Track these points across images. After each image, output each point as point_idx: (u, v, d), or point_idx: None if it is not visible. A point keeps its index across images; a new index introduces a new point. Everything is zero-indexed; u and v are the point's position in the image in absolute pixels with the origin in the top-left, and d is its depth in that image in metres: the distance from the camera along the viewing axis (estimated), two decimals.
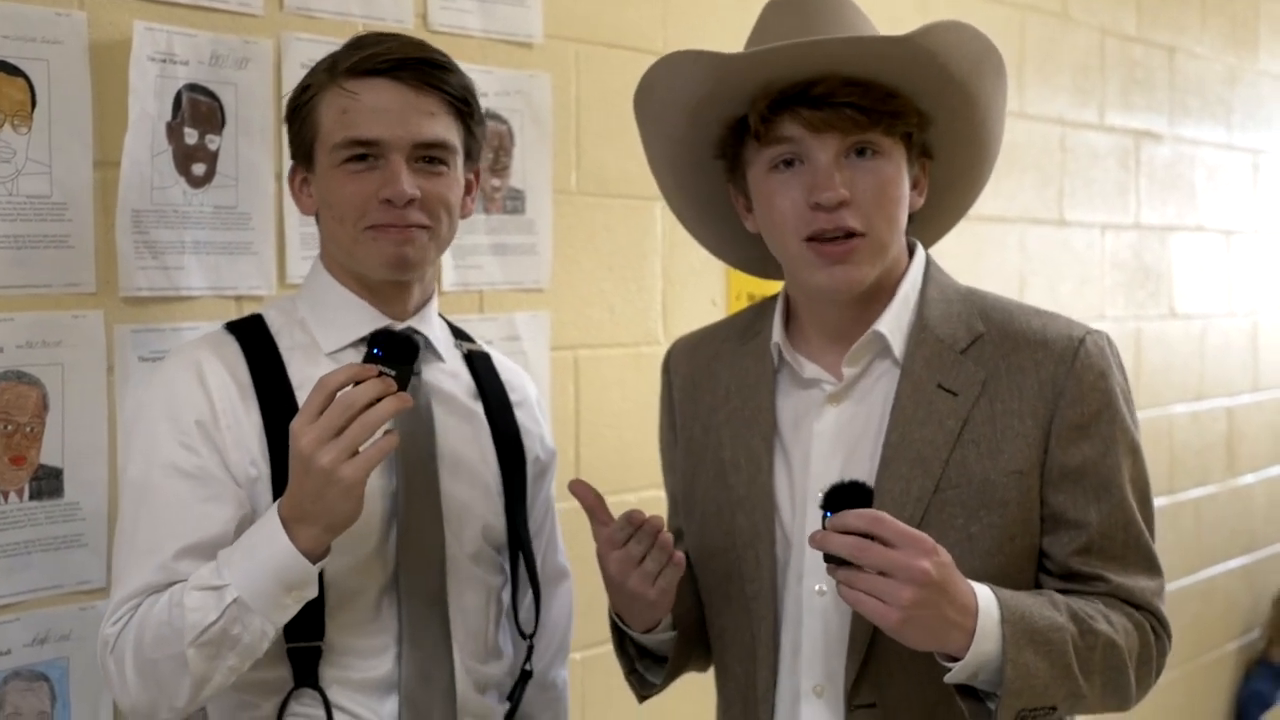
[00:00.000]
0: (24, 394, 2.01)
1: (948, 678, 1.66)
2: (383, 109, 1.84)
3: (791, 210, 1.76)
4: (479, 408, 2.02)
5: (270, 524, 1.71)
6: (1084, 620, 1.71)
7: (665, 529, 1.80)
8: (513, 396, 2.08)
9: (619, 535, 1.80)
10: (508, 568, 2.03)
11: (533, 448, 2.08)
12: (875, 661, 1.76)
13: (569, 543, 2.21)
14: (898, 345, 1.82)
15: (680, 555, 1.80)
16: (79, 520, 2.06)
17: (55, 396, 2.04)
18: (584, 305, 2.87)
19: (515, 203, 2.71)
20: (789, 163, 1.77)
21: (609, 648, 2.02)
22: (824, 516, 1.64)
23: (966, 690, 1.69)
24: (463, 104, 1.90)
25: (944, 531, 1.73)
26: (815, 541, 1.64)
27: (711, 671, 2.00)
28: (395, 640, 1.87)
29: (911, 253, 1.89)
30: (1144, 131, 4.60)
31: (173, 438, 1.81)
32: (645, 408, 2.89)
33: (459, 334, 2.09)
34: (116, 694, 1.79)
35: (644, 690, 1.99)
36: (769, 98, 1.76)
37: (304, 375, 1.86)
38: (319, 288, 1.94)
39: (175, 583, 1.75)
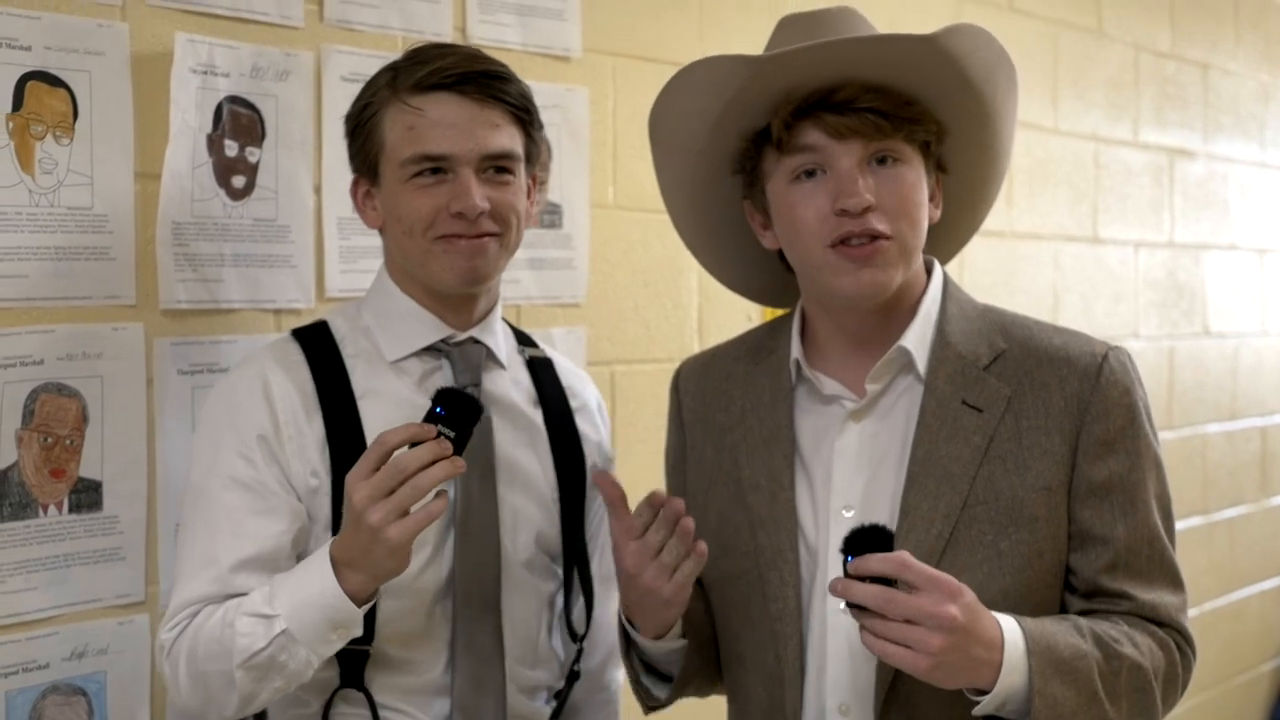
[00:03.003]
0: (64, 406, 2.00)
1: (976, 710, 1.65)
2: (449, 124, 1.86)
3: (815, 218, 1.76)
4: (538, 415, 2.03)
5: (321, 562, 1.74)
6: (1109, 645, 1.70)
7: (686, 514, 1.76)
8: (573, 403, 2.09)
9: (638, 521, 1.77)
10: (561, 574, 2.03)
11: (590, 454, 2.09)
12: (903, 680, 1.74)
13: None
14: (921, 361, 1.81)
15: (702, 546, 1.77)
16: (118, 534, 2.05)
17: (95, 409, 2.03)
18: (620, 320, 2.86)
19: (552, 217, 2.70)
20: (810, 173, 1.76)
21: None
22: (844, 561, 1.62)
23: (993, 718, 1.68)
24: (524, 113, 1.93)
25: (973, 549, 1.73)
26: (838, 590, 1.62)
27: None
28: (446, 646, 1.89)
29: (929, 270, 1.88)
30: (1178, 149, 4.58)
31: (234, 449, 1.84)
32: None
33: (523, 339, 2.10)
34: (171, 694, 1.85)
35: (649, 702, 1.97)
36: (792, 104, 1.76)
37: (366, 384, 1.90)
38: (384, 295, 1.96)
39: (230, 594, 1.78)
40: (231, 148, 2.18)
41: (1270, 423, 5.10)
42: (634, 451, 2.88)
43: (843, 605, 1.67)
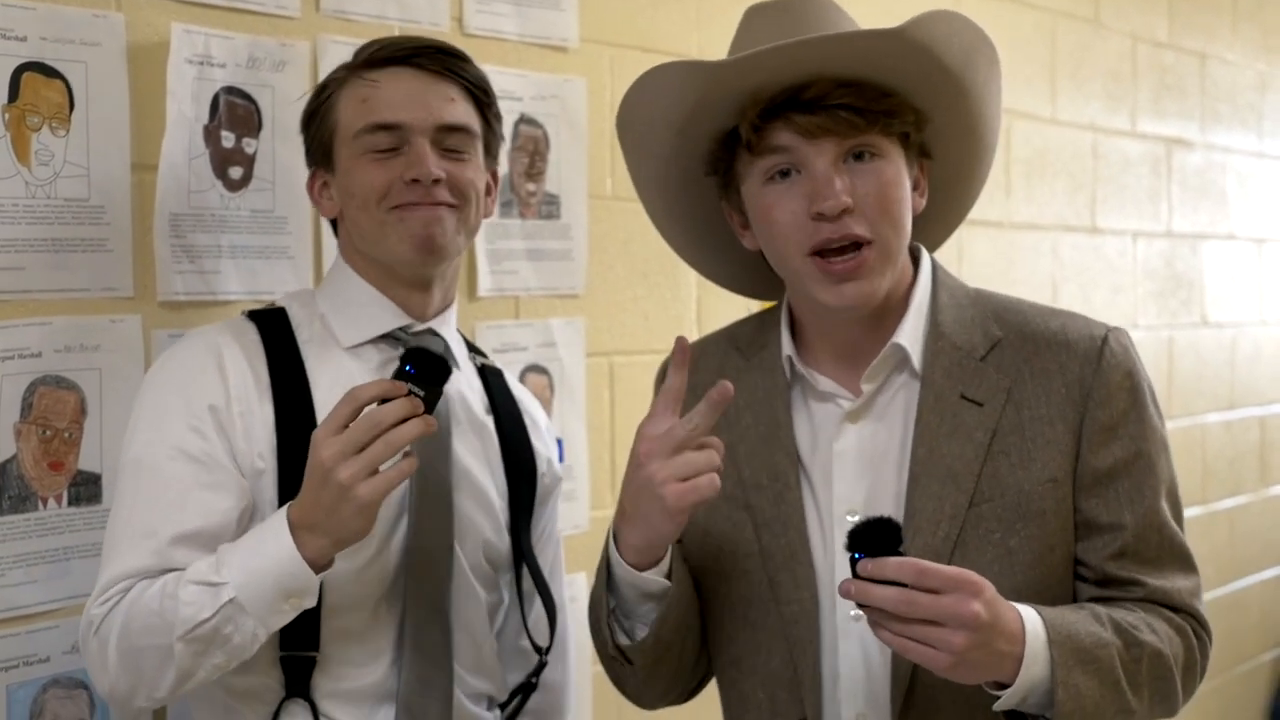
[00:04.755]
0: (62, 399, 1.99)
1: (997, 705, 1.60)
2: (404, 93, 1.84)
3: (792, 223, 1.69)
4: (490, 421, 1.99)
5: (277, 527, 1.68)
6: (1129, 632, 1.66)
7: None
8: (525, 418, 2.05)
9: (702, 422, 1.63)
10: (511, 583, 2.00)
11: (541, 467, 2.05)
12: (921, 687, 1.70)
13: (598, 551, 2.18)
14: (916, 356, 1.76)
15: (716, 479, 1.63)
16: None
17: (93, 401, 2.02)
18: (619, 311, 2.85)
19: (551, 207, 2.69)
20: (785, 173, 1.70)
21: None
22: (852, 559, 1.54)
23: (1014, 714, 1.63)
24: (481, 93, 1.91)
25: (982, 548, 1.69)
26: (850, 592, 1.55)
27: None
28: (391, 647, 1.85)
29: (916, 258, 1.82)
30: (1176, 138, 4.57)
31: (183, 419, 1.78)
32: None
33: (473, 348, 2.07)
34: (94, 675, 1.76)
35: (612, 651, 1.77)
36: (759, 106, 1.69)
37: (321, 371, 1.85)
38: (341, 282, 1.93)
39: (169, 570, 1.71)
40: (228, 139, 2.18)
41: (1269, 412, 5.10)
42: (632, 442, 2.87)
43: (854, 609, 1.62)
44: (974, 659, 1.54)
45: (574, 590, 2.62)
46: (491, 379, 2.04)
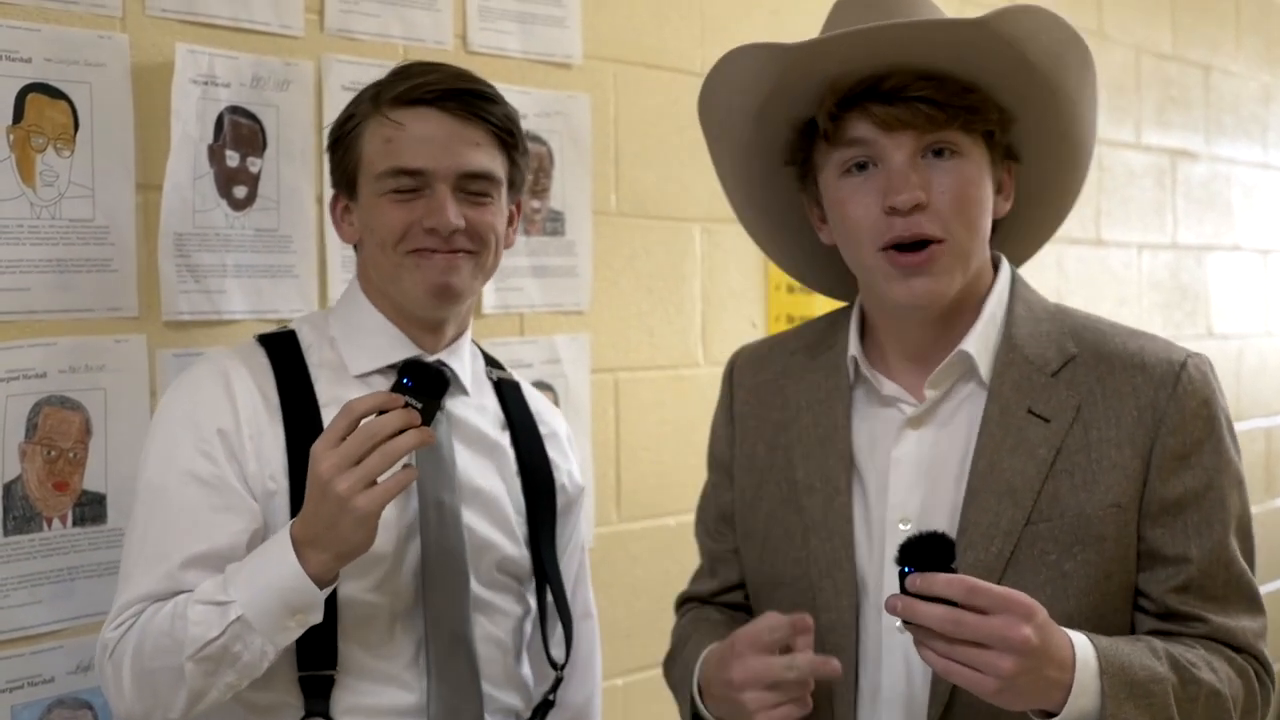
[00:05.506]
0: (67, 419, 1.99)
1: None
2: (428, 139, 1.83)
3: (865, 217, 1.65)
4: (505, 438, 1.99)
5: (280, 544, 1.69)
6: (1186, 669, 1.60)
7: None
8: (542, 429, 2.05)
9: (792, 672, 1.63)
10: (533, 600, 2.00)
11: (561, 479, 2.05)
12: (959, 707, 1.65)
13: (604, 568, 2.19)
14: (984, 366, 1.70)
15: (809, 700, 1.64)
16: (122, 547, 2.04)
17: (98, 421, 2.02)
18: (623, 327, 2.85)
19: (555, 224, 2.69)
20: (862, 166, 1.66)
21: (652, 673, 1.97)
22: (901, 573, 1.50)
23: None
24: (507, 135, 1.89)
25: (1035, 568, 1.64)
26: (897, 609, 1.49)
27: None
28: (411, 664, 1.85)
29: (996, 268, 1.77)
30: (1180, 150, 4.57)
31: (193, 444, 1.79)
32: (685, 430, 2.88)
33: (491, 361, 2.07)
34: (111, 700, 1.77)
35: None
36: (837, 95, 1.65)
37: (331, 394, 1.86)
38: (354, 308, 1.93)
39: (180, 592, 1.73)
40: (233, 158, 2.18)
41: (1275, 423, 5.08)
42: (637, 459, 2.88)
43: (899, 623, 1.55)
44: (1021, 685, 1.49)
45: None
46: (508, 393, 2.04)
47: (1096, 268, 4.23)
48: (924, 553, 1.50)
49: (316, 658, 1.78)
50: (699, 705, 1.74)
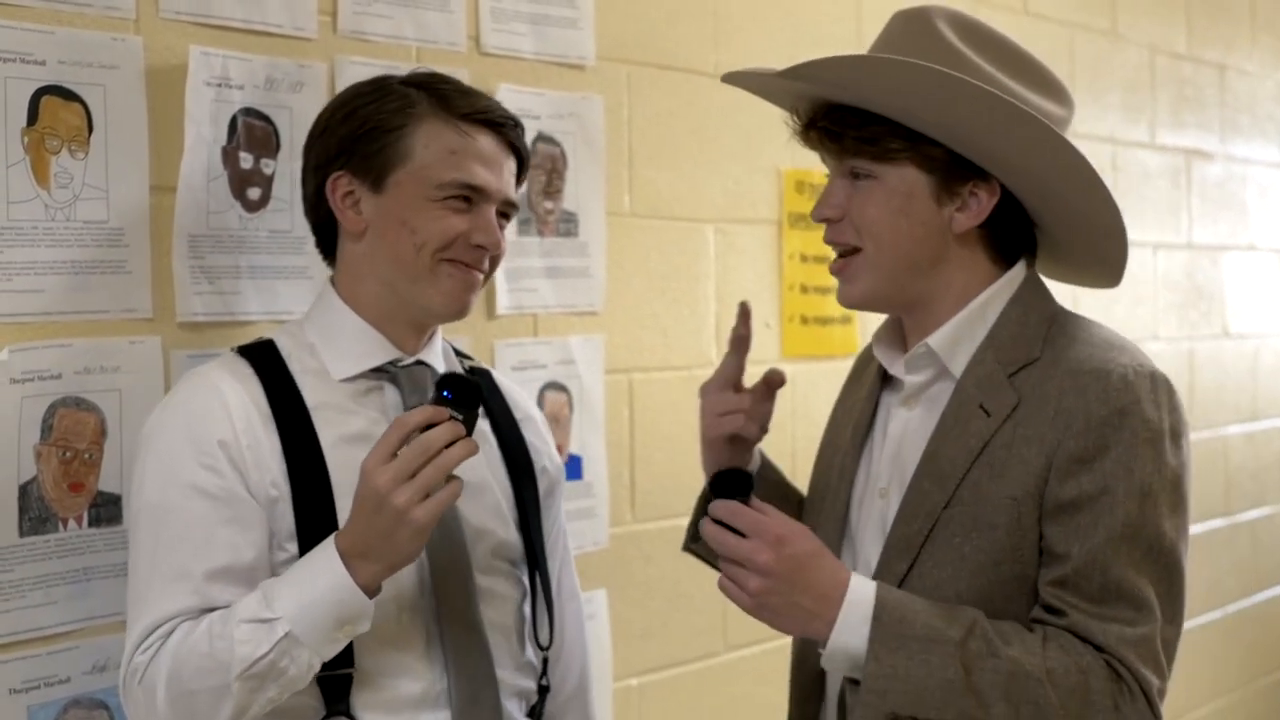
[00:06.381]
0: (82, 420, 2.00)
1: (822, 662, 1.73)
2: (489, 159, 1.90)
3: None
4: (485, 426, 2.02)
5: (327, 558, 1.71)
6: (992, 642, 1.67)
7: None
8: (517, 415, 2.09)
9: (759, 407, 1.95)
10: (526, 582, 2.03)
11: (540, 462, 2.08)
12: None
13: (618, 569, 2.19)
14: (953, 361, 1.83)
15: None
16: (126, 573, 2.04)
17: (113, 422, 2.03)
18: (637, 328, 2.86)
19: (569, 225, 2.70)
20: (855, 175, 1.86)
21: (667, 673, 1.99)
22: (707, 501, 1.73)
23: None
24: (522, 164, 1.98)
25: (944, 549, 1.76)
26: (705, 531, 1.72)
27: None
28: (423, 655, 1.87)
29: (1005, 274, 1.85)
30: (1195, 150, 4.56)
31: (193, 458, 1.79)
32: (698, 431, 2.87)
33: (458, 353, 2.10)
34: None
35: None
36: (800, 119, 1.88)
37: (317, 399, 1.88)
38: (330, 313, 1.94)
39: (210, 608, 1.74)
40: (246, 160, 2.18)
41: None
42: (652, 459, 2.88)
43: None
44: (772, 605, 1.69)
45: (592, 608, 2.63)
46: (481, 381, 2.05)
47: None
48: (729, 485, 1.73)
49: (334, 658, 1.79)
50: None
